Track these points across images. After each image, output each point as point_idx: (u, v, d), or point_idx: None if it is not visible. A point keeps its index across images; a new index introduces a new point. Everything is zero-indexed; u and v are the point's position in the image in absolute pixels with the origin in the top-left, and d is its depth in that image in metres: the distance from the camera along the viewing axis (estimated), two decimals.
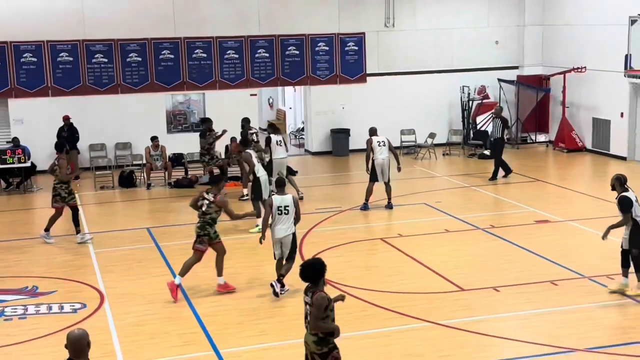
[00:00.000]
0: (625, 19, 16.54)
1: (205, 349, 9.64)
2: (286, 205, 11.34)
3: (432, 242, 14.12)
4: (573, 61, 22.61)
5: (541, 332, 9.87)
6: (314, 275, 7.41)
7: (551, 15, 24.02)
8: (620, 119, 21.38)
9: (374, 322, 10.33)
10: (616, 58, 18.85)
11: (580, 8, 22.63)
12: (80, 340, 5.88)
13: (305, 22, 22.79)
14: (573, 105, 22.89)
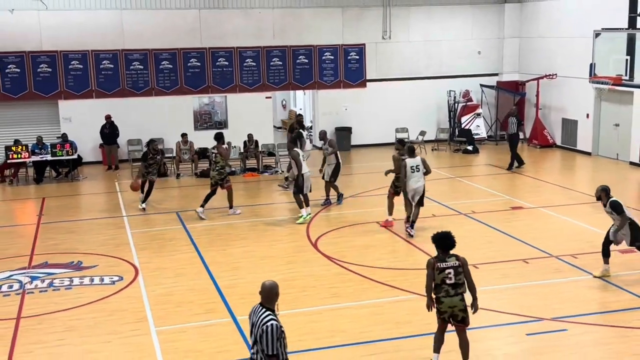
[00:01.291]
0: (590, 33, 16.41)
1: (224, 316, 9.65)
2: (417, 165, 13.07)
3: (421, 225, 14.02)
4: (545, 69, 22.48)
5: (514, 303, 9.84)
6: (452, 244, 7.75)
7: (527, 28, 23.85)
8: (586, 119, 21.24)
9: (369, 294, 10.31)
10: (582, 66, 18.70)
11: (552, 23, 22.46)
12: (272, 289, 6.15)
13: (313, 34, 22.70)
14: (545, 107, 22.76)
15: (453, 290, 7.63)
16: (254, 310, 6.18)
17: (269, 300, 6.12)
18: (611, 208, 10.31)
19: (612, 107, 20.30)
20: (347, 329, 9.10)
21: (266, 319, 5.96)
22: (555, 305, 9.69)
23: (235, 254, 12.37)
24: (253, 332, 6.04)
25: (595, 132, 21.02)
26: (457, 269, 7.64)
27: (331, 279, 11.05)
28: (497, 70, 24.45)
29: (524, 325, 9.10)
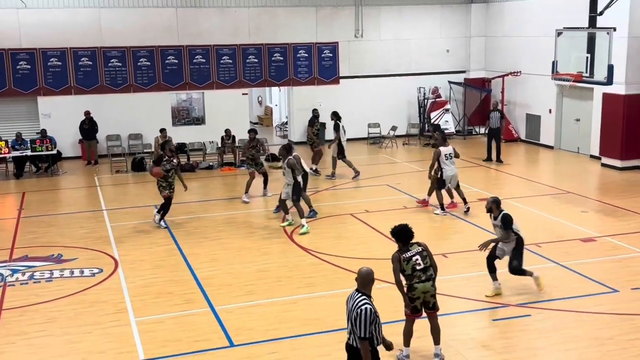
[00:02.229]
0: (553, 32, 16.56)
1: (202, 306, 9.62)
2: (450, 153, 13.78)
3: (393, 216, 14.10)
4: (510, 66, 22.68)
5: (481, 290, 9.92)
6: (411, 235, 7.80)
7: (493, 28, 24.03)
8: (549, 115, 21.49)
9: (342, 283, 10.33)
10: (545, 64, 18.86)
11: (517, 22, 22.66)
12: (367, 275, 6.25)
13: (288, 33, 22.63)
14: (510, 103, 22.97)
15: (424, 275, 7.71)
16: (350, 296, 6.28)
17: (364, 285, 6.24)
18: (501, 221, 9.46)
19: (573, 102, 20.57)
20: (321, 317, 9.12)
21: (361, 303, 6.08)
22: (520, 292, 9.80)
23: (213, 246, 12.32)
24: (349, 316, 6.16)
25: (558, 127, 21.28)
26: (421, 253, 7.77)
27: (306, 269, 11.06)
28: (465, 68, 24.60)
29: (491, 311, 9.21)
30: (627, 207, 14.28)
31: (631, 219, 13.43)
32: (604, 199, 15.21)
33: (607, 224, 13.18)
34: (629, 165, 18.03)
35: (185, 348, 8.33)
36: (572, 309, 9.17)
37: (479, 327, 8.81)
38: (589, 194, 15.67)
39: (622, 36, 16.94)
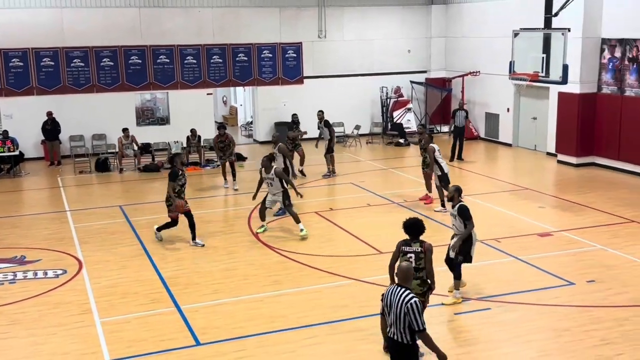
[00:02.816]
0: (510, 33, 16.81)
1: (168, 306, 9.51)
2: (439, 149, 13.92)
3: (357, 214, 14.20)
4: (470, 66, 22.96)
5: (443, 284, 9.96)
6: (419, 230, 7.76)
7: (452, 29, 24.29)
8: (507, 113, 21.81)
9: (308, 280, 10.34)
10: (503, 64, 19.10)
11: (475, 23, 22.95)
12: (408, 270, 6.26)
13: (252, 33, 22.53)
14: (470, 102, 23.24)
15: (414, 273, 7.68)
16: (390, 291, 6.23)
17: (405, 280, 6.24)
18: (457, 212, 9.33)
19: (530, 101, 20.92)
20: (286, 314, 9.10)
21: (408, 297, 6.06)
22: (480, 286, 9.92)
23: (179, 246, 12.19)
24: (393, 311, 6.11)
25: (515, 125, 21.61)
26: (418, 254, 7.75)
27: (272, 267, 11.03)
28: (426, 68, 24.82)
29: (453, 306, 9.28)
30: (582, 202, 14.58)
31: (586, 214, 13.72)
32: (560, 194, 15.51)
33: (563, 219, 13.44)
34: (583, 162, 18.42)
35: (151, 348, 8.23)
36: (530, 302, 9.32)
37: (440, 321, 8.89)
38: (545, 190, 15.96)
39: (576, 37, 17.28)
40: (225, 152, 16.74)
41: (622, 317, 8.76)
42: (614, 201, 14.60)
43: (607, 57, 17.75)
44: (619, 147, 17.54)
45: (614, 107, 17.58)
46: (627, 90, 17.26)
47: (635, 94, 17.02)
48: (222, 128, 17.07)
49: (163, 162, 19.45)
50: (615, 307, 9.09)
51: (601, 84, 18.03)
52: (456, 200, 9.47)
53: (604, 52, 17.85)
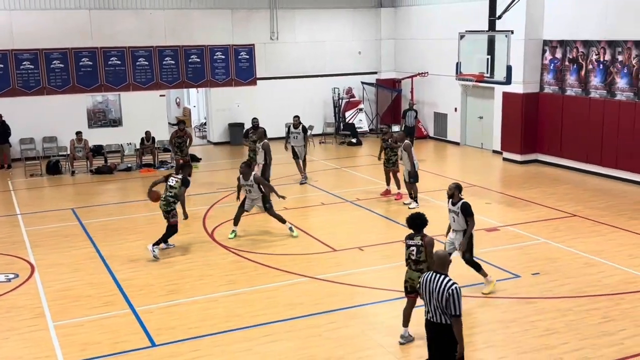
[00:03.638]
0: (456, 35, 17.09)
1: (123, 308, 9.35)
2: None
3: (311, 213, 14.24)
4: (418, 67, 23.26)
5: (394, 281, 10.07)
6: (421, 224, 7.93)
7: (401, 31, 24.56)
8: (455, 113, 22.18)
9: (263, 279, 10.31)
10: (450, 65, 19.43)
11: (423, 25, 23.25)
12: (445, 257, 6.56)
13: (205, 35, 22.32)
14: (419, 102, 23.53)
15: (414, 265, 8.00)
16: (429, 278, 6.47)
17: (442, 266, 6.49)
18: (460, 209, 9.34)
19: (477, 101, 21.33)
20: (242, 313, 9.06)
21: (449, 284, 6.31)
22: None
23: (132, 248, 12.00)
24: (433, 297, 6.37)
25: (463, 124, 22.00)
26: (419, 247, 7.96)
27: (227, 267, 10.96)
28: (376, 69, 25.02)
29: (404, 300, 9.32)
30: (527, 197, 14.94)
31: (530, 209, 14.06)
32: (506, 191, 15.86)
33: (509, 214, 13.75)
34: (527, 159, 18.87)
35: (106, 350, 8.07)
36: (478, 295, 9.50)
37: (393, 315, 8.96)
38: (492, 187, 16.30)
39: (519, 38, 17.70)
40: (182, 149, 16.73)
41: (565, 307, 9.01)
42: (557, 196, 15.01)
43: (549, 58, 18.23)
44: (560, 145, 18.03)
45: (555, 106, 18.07)
46: (567, 89, 17.76)
47: (576, 93, 17.53)
48: (182, 123, 17.12)
49: (116, 164, 19.13)
50: (558, 298, 9.35)
51: (543, 84, 18.50)
52: (456, 197, 9.48)
53: (545, 54, 18.33)
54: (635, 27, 15.62)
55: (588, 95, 17.13)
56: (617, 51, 16.18)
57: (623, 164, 16.23)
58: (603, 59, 16.60)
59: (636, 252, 11.13)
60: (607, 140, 16.60)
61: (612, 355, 7.64)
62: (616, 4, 16.11)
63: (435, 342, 6.52)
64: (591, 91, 17.05)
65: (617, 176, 16.42)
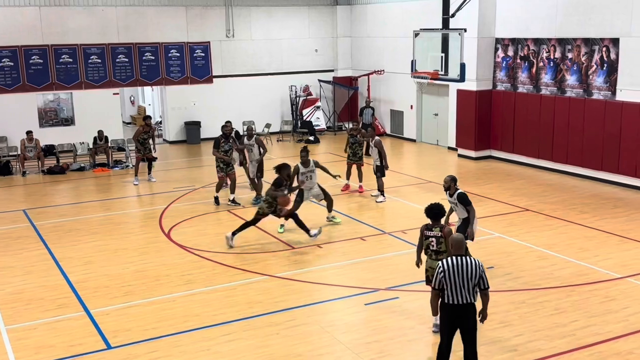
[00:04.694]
0: (411, 33, 17.27)
1: (77, 310, 9.16)
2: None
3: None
4: (375, 65, 23.42)
5: (353, 277, 10.20)
6: (439, 213, 8.06)
7: (357, 29, 24.69)
8: (410, 110, 22.42)
9: (221, 279, 10.23)
10: (405, 63, 19.65)
11: (379, 23, 23.42)
12: (461, 240, 6.78)
13: (159, 32, 22.01)
14: (375, 100, 23.71)
15: (435, 255, 8.17)
16: (450, 263, 6.65)
17: (460, 248, 6.73)
18: (457, 199, 9.70)
19: (432, 98, 21.60)
20: (200, 313, 8.98)
21: (478, 262, 6.71)
22: (388, 277, 10.16)
23: (87, 249, 11.77)
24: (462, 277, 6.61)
25: (419, 121, 22.25)
26: (439, 239, 8.10)
27: (184, 266, 10.84)
28: (333, 67, 25.10)
29: (363, 297, 9.45)
30: (481, 193, 15.21)
31: (485, 204, 14.31)
32: (461, 186, 15.97)
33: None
34: (481, 155, 19.21)
35: (61, 353, 7.90)
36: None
37: (352, 312, 9.03)
38: None
39: (472, 37, 18.00)
40: (145, 145, 16.58)
41: (519, 300, 9.21)
42: (510, 191, 15.32)
43: (501, 55, 18.58)
44: (513, 141, 18.40)
45: (508, 103, 18.43)
46: (519, 87, 18.14)
47: (527, 90, 17.91)
48: (148, 118, 16.92)
49: (69, 164, 18.73)
50: (512, 291, 9.55)
51: (496, 82, 18.85)
52: (453, 189, 9.81)
53: (498, 51, 18.68)
54: (584, 25, 16.05)
55: (539, 92, 17.53)
56: (567, 49, 16.60)
57: (573, 160, 16.66)
58: (553, 56, 17.01)
59: (586, 245, 11.45)
60: (557, 136, 17.01)
61: (564, 347, 7.84)
62: (565, 2, 16.53)
63: (462, 323, 6.80)
64: (542, 88, 17.45)
65: (568, 171, 16.85)
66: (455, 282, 6.65)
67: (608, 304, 9.00)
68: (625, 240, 11.70)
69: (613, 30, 15.35)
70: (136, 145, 16.71)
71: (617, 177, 15.62)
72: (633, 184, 15.26)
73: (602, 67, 15.74)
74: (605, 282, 9.76)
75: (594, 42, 15.87)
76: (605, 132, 15.74)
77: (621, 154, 15.43)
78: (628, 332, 8.15)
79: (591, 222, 12.74)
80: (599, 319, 8.54)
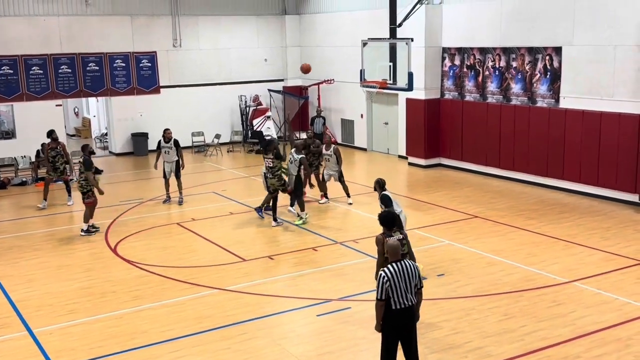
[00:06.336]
0: (359, 42, 17.43)
1: (19, 330, 8.86)
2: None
3: (220, 223, 14.04)
4: (324, 75, 23.53)
5: (305, 288, 10.16)
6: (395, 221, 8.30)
7: (306, 38, 24.78)
8: (361, 119, 22.59)
9: (170, 293, 10.05)
10: (355, 72, 19.79)
11: (327, 33, 23.56)
12: (398, 247, 7.03)
13: (103, 42, 21.62)
14: (326, 109, 23.80)
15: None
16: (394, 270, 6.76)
17: (398, 255, 6.92)
18: (380, 201, 10.21)
19: (382, 107, 21.82)
20: (148, 329, 8.79)
21: (414, 263, 6.97)
22: (340, 286, 10.15)
23: (28, 266, 11.41)
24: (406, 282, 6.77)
25: (369, 130, 22.44)
26: (402, 241, 8.14)
27: (131, 282, 10.61)
28: (283, 76, 25.11)
29: (315, 307, 9.42)
30: (431, 201, 15.41)
31: (435, 212, 14.51)
32: (411, 194, 16.28)
33: (414, 218, 14.07)
34: (431, 163, 19.49)
35: None
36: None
37: (304, 323, 8.99)
38: (398, 191, 16.67)
39: (419, 46, 18.28)
40: (56, 166, 15.36)
41: (469, 307, 9.33)
42: (459, 199, 15.57)
43: (448, 65, 18.92)
44: (462, 149, 18.74)
45: (456, 112, 18.76)
46: (466, 95, 18.49)
47: (474, 99, 18.28)
48: (53, 133, 15.67)
49: (10, 179, 18.15)
50: (462, 298, 9.67)
51: (444, 90, 19.18)
52: (378, 192, 10.40)
53: (445, 60, 19.02)
54: (528, 34, 16.50)
55: (485, 100, 17.91)
56: (512, 57, 17.02)
57: (520, 167, 17.06)
58: (498, 65, 17.42)
59: (534, 251, 11.71)
60: (504, 143, 17.40)
61: (513, 352, 7.98)
62: (508, 12, 16.96)
63: (407, 324, 6.91)
64: (488, 96, 17.84)
65: (515, 178, 17.24)
66: (400, 287, 6.77)
67: (556, 308, 9.21)
68: (571, 245, 12.02)
69: (556, 38, 15.83)
70: (47, 165, 15.64)
71: (562, 182, 16.06)
72: (577, 190, 15.71)
73: (545, 76, 16.20)
74: (552, 287, 9.99)
75: (537, 51, 16.33)
76: (549, 139, 16.18)
77: (565, 160, 15.88)
78: (575, 335, 8.35)
79: (538, 228, 13.04)
80: (547, 323, 8.73)
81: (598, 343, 8.13)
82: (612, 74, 14.71)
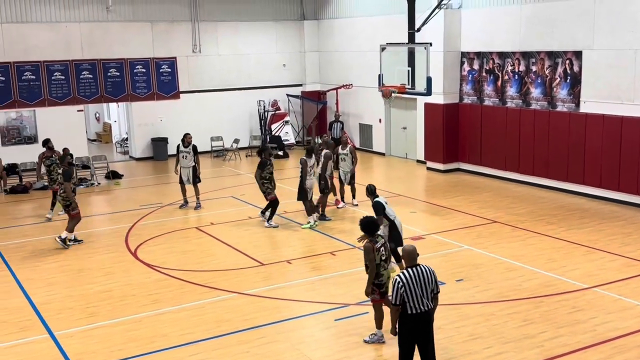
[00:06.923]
0: (378, 47, 17.44)
1: (40, 332, 8.97)
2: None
3: (238, 227, 14.09)
4: (343, 79, 23.55)
5: (323, 293, 10.16)
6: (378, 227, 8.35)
7: (325, 43, 24.83)
8: (379, 124, 22.57)
9: (190, 297, 10.12)
10: (373, 77, 19.81)
11: (346, 38, 23.59)
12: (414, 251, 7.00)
13: (124, 48, 21.84)
14: (344, 114, 23.81)
15: (385, 263, 8.27)
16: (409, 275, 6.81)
17: (414, 259, 6.96)
18: (372, 207, 10.46)
19: (400, 112, 21.78)
20: (168, 333, 8.85)
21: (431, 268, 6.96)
22: (358, 291, 10.07)
23: (50, 270, 11.55)
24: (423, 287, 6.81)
25: (387, 135, 22.41)
26: (385, 245, 8.27)
27: (151, 285, 10.69)
28: (301, 81, 25.18)
29: (333, 312, 9.42)
30: (450, 206, 15.34)
31: (453, 216, 14.44)
32: (430, 199, 16.23)
33: (433, 223, 14.06)
34: (450, 168, 19.40)
35: None
36: None
37: (322, 328, 9.00)
38: (417, 196, 16.64)
39: (438, 51, 18.24)
40: (52, 175, 14.94)
41: (488, 312, 9.28)
42: (478, 204, 15.48)
43: (467, 69, 18.85)
44: (480, 153, 18.64)
45: (474, 116, 18.67)
46: (485, 99, 18.41)
47: (493, 103, 18.18)
48: (49, 142, 15.46)
49: (32, 183, 18.39)
50: (481, 303, 9.62)
51: (462, 95, 19.10)
52: (370, 198, 10.59)
53: (463, 65, 18.95)
54: (547, 38, 16.39)
55: (505, 105, 17.81)
56: (531, 62, 16.92)
57: (539, 171, 16.93)
58: (518, 69, 17.31)
59: (554, 256, 11.61)
60: (523, 148, 17.28)
61: (533, 358, 7.91)
62: (528, 16, 16.87)
63: (425, 330, 6.93)
64: (507, 101, 17.74)
65: (535, 182, 17.11)
66: (415, 292, 6.79)
67: (576, 314, 9.12)
68: (592, 250, 11.90)
69: (576, 43, 15.71)
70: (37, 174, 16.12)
71: (583, 187, 15.91)
72: (598, 194, 15.56)
73: (565, 80, 16.07)
74: (572, 293, 9.90)
75: (557, 55, 16.21)
76: (570, 144, 16.04)
77: (586, 165, 15.73)
78: (596, 342, 8.26)
79: (558, 233, 12.93)
80: (567, 329, 8.65)
81: (619, 349, 8.04)
82: (633, 79, 14.56)
